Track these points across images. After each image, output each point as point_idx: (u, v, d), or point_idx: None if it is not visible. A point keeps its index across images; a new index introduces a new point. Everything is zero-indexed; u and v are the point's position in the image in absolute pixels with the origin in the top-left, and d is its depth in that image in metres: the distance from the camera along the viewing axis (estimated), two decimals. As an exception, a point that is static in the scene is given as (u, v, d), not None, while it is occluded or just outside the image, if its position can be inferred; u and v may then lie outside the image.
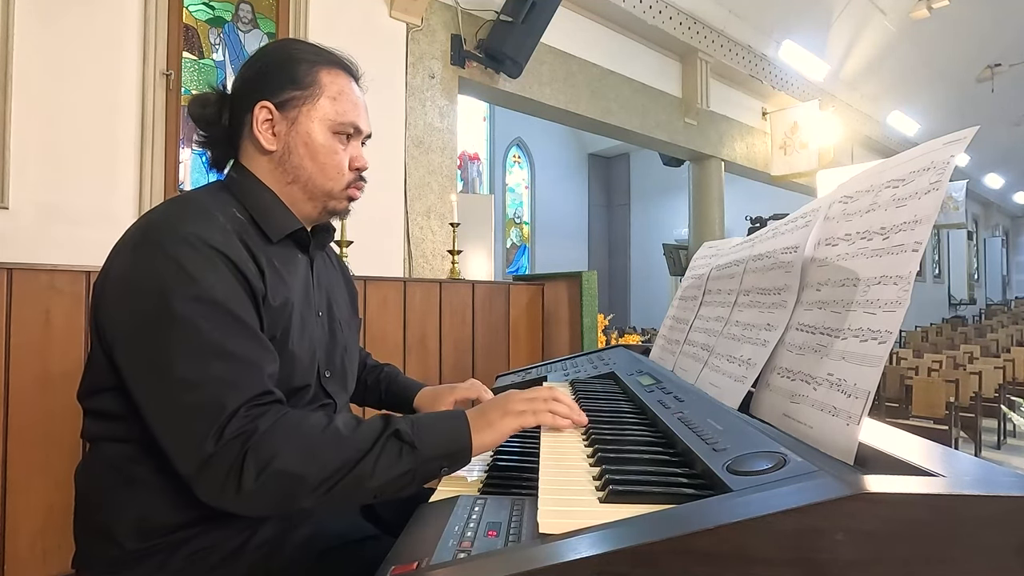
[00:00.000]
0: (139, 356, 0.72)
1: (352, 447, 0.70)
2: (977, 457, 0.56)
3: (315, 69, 0.87)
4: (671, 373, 1.15)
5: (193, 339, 0.70)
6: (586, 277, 2.75)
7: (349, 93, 0.90)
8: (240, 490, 0.66)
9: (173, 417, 0.70)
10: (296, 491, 0.68)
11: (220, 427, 0.67)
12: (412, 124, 3.85)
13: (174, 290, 0.71)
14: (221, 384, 0.69)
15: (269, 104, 0.85)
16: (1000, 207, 18.11)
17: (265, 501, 0.68)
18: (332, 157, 0.88)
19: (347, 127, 0.89)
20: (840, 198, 0.78)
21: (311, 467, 0.68)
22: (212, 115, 0.89)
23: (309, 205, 0.90)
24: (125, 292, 0.75)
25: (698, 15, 5.86)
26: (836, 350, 0.64)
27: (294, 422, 0.71)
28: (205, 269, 0.73)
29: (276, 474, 0.67)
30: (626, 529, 0.47)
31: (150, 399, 0.72)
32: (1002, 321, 12.40)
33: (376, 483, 0.70)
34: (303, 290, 0.90)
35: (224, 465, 0.66)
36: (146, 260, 0.74)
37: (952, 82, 9.56)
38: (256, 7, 3.23)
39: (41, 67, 2.52)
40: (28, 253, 2.38)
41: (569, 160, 11.78)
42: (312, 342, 0.89)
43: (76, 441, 1.62)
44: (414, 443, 0.72)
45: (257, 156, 0.88)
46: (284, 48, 0.91)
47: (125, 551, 0.76)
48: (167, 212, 0.81)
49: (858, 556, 0.42)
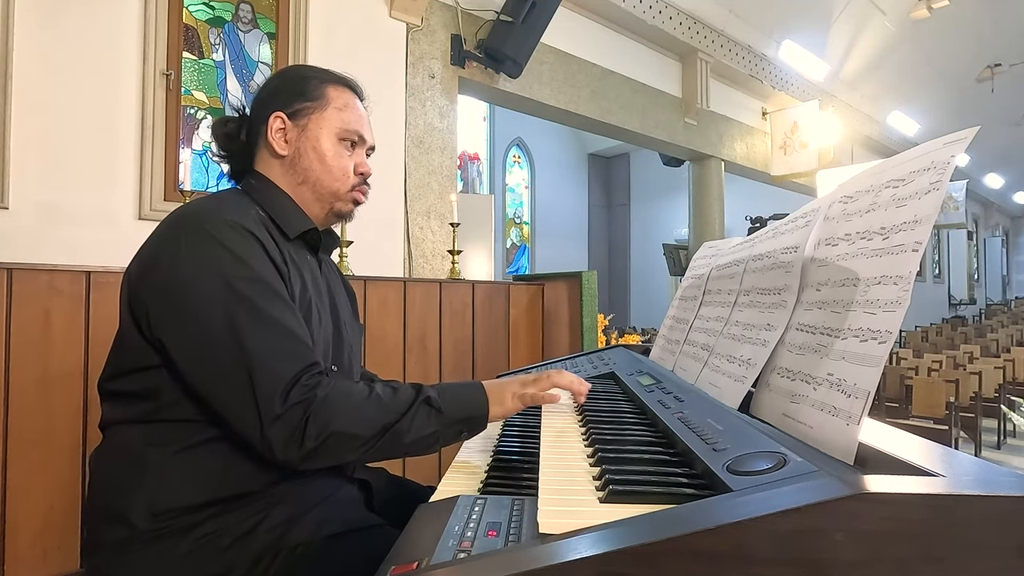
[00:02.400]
0: (203, 334, 0.79)
1: (392, 411, 0.81)
2: (977, 457, 0.56)
3: (323, 85, 0.98)
4: (671, 373, 1.15)
5: (254, 315, 0.79)
6: (586, 277, 2.75)
7: (354, 106, 1.01)
8: (302, 448, 0.76)
9: (239, 386, 0.77)
10: (347, 448, 0.79)
11: (285, 392, 0.76)
12: (412, 124, 3.85)
13: (230, 272, 0.80)
14: (283, 353, 0.79)
15: (282, 114, 0.96)
16: (1000, 207, 18.11)
17: (321, 458, 0.78)
18: (338, 160, 0.98)
19: (352, 135, 0.99)
20: (840, 198, 0.78)
21: (360, 428, 0.79)
22: (233, 131, 1.00)
23: (317, 206, 0.99)
24: (176, 274, 0.81)
25: (698, 15, 5.86)
26: (836, 350, 0.64)
27: (344, 390, 0.81)
28: (250, 252, 0.83)
29: (333, 435, 0.77)
30: (626, 529, 0.47)
31: (213, 371, 0.79)
32: (1002, 321, 12.40)
33: (410, 439, 0.81)
34: (314, 287, 0.97)
35: (289, 426, 0.76)
36: (192, 244, 0.82)
37: (952, 82, 9.56)
38: (256, 7, 3.23)
39: (41, 67, 2.52)
40: (28, 253, 2.38)
41: (569, 160, 11.78)
42: (324, 334, 0.95)
43: (76, 440, 1.63)
44: (441, 408, 0.84)
45: (271, 161, 0.98)
46: (295, 70, 1.04)
47: (136, 532, 0.78)
48: (203, 204, 0.90)
49: (858, 556, 0.42)
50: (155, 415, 0.82)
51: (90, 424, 1.63)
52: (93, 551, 0.83)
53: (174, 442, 0.81)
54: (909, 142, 9.76)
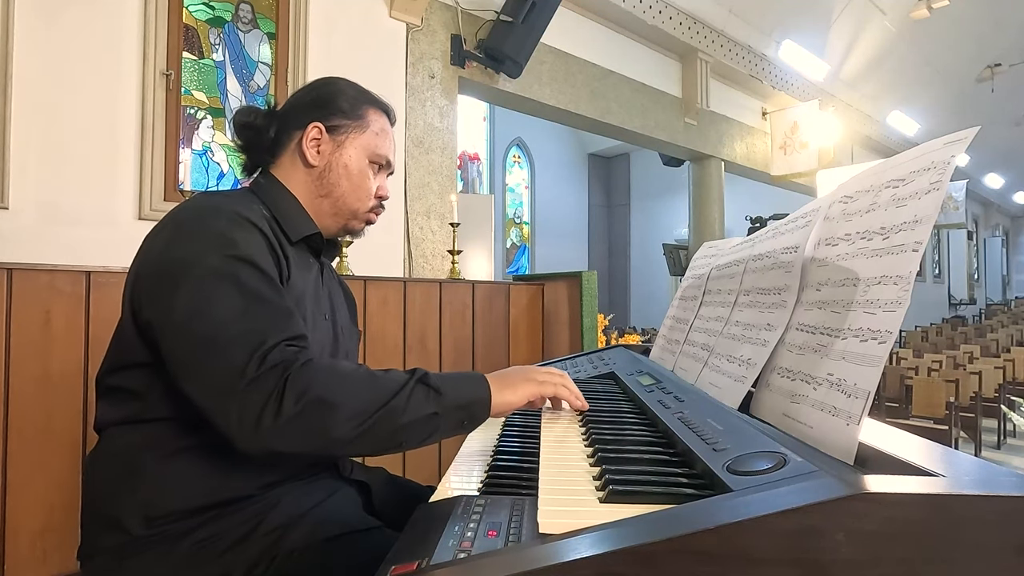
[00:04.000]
0: (179, 303, 0.76)
1: (384, 386, 0.75)
2: (977, 457, 0.56)
3: (366, 107, 1.00)
4: (671, 373, 1.15)
5: (233, 286, 0.76)
6: (586, 277, 2.74)
7: (389, 132, 1.03)
8: (280, 415, 0.68)
9: (214, 350, 0.72)
10: (332, 421, 0.70)
11: (262, 355, 0.71)
12: (412, 124, 3.85)
13: (215, 248, 0.78)
14: (262, 320, 0.75)
15: (321, 125, 0.96)
16: (1000, 207, 18.12)
17: (301, 431, 0.70)
18: (364, 182, 0.99)
19: (381, 159, 1.01)
20: (840, 198, 0.78)
21: (348, 397, 0.71)
22: (261, 125, 0.98)
23: (332, 220, 1.00)
24: (168, 255, 0.80)
25: (698, 15, 5.86)
26: (836, 350, 0.64)
27: (329, 361, 0.77)
28: (244, 237, 0.81)
29: (315, 401, 0.69)
30: (626, 529, 0.47)
31: (189, 340, 0.74)
32: (1002, 321, 12.40)
33: (406, 419, 0.74)
34: (313, 291, 0.97)
35: (266, 389, 0.69)
36: (189, 230, 0.81)
37: (952, 82, 9.56)
38: (256, 7, 3.23)
39: (41, 67, 2.52)
40: (28, 253, 2.37)
41: (569, 160, 11.78)
42: (321, 339, 0.95)
43: (76, 441, 1.63)
44: (439, 389, 0.77)
45: (297, 168, 0.98)
46: (340, 84, 1.03)
47: (132, 537, 0.78)
48: (206, 197, 0.90)
49: (858, 556, 0.42)
50: (145, 414, 0.81)
51: (90, 424, 1.62)
52: (90, 556, 0.83)
53: (167, 445, 0.79)
54: (909, 142, 9.76)
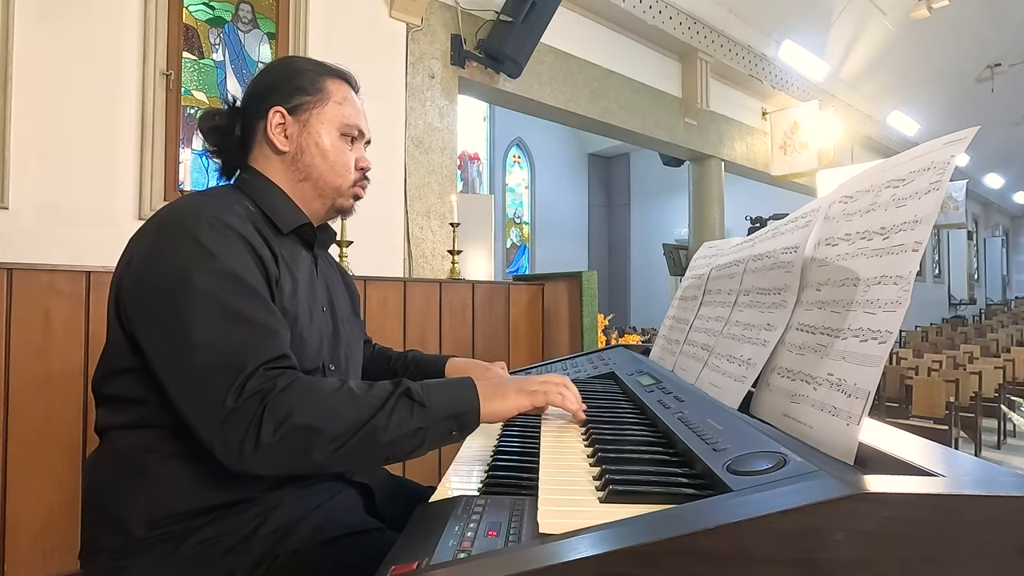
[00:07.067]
0: (161, 326, 0.76)
1: (365, 404, 0.74)
2: (977, 457, 0.56)
3: (321, 78, 0.96)
4: (671, 373, 1.15)
5: (213, 306, 0.74)
6: (586, 277, 2.74)
7: (352, 100, 0.99)
8: (259, 444, 0.69)
9: (194, 379, 0.72)
10: (312, 445, 0.70)
11: (240, 384, 0.70)
12: (412, 124, 3.85)
13: (194, 264, 0.76)
14: (241, 346, 0.73)
15: (282, 109, 0.93)
16: (1000, 207, 18.11)
17: (282, 456, 0.70)
18: (340, 156, 0.96)
19: (352, 129, 0.97)
20: (840, 198, 0.78)
21: (327, 421, 0.71)
22: (225, 125, 0.96)
23: (318, 202, 0.97)
24: (149, 269, 0.79)
25: (698, 15, 5.86)
26: (836, 350, 0.64)
27: (310, 382, 0.75)
28: (225, 247, 0.79)
29: (293, 428, 0.70)
30: (626, 529, 0.47)
31: (172, 365, 0.75)
32: (1002, 321, 12.40)
33: (388, 437, 0.73)
34: (308, 284, 0.95)
35: (244, 420, 0.69)
36: (169, 240, 0.79)
37: (952, 82, 9.56)
38: (256, 7, 3.23)
39: (41, 67, 2.52)
40: (28, 253, 2.38)
41: (569, 160, 11.77)
42: (319, 332, 0.93)
43: (76, 440, 1.63)
44: (424, 402, 0.76)
45: (270, 157, 0.95)
46: (290, 62, 1.01)
47: (134, 539, 0.77)
48: (188, 201, 0.87)
49: (858, 556, 0.42)
50: (146, 420, 0.80)
51: (90, 424, 1.62)
52: (91, 557, 0.82)
53: (168, 448, 0.79)
54: (909, 142, 9.76)
